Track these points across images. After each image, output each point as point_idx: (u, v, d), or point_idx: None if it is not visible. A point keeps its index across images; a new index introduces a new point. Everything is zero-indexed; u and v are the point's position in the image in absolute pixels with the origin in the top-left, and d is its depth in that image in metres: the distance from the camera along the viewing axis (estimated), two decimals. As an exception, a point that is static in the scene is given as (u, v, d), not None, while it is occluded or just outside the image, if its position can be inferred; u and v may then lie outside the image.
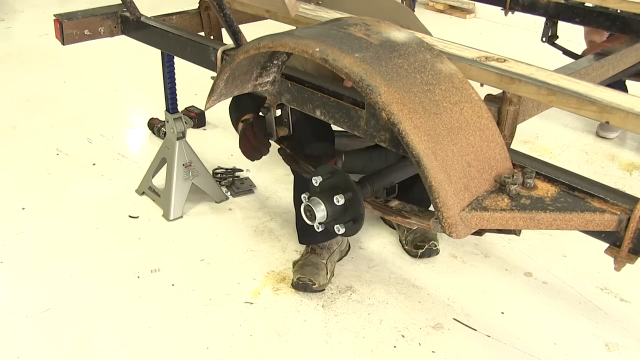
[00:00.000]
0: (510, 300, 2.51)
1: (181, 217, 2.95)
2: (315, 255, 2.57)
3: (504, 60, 1.65)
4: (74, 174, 3.32)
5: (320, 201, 1.62)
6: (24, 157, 3.47)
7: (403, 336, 2.31)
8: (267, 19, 2.38)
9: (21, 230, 2.84)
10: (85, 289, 2.49)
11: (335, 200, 1.61)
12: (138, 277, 2.56)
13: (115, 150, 3.59)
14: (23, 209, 3.00)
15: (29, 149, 3.56)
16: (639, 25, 2.46)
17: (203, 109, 3.76)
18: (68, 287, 2.49)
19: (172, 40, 2.34)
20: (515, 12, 2.98)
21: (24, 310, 2.37)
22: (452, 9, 6.70)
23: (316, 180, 1.66)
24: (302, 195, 1.67)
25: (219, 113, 3.83)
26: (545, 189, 1.40)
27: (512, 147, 1.58)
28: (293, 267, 2.58)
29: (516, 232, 1.44)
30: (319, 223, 1.65)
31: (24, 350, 2.19)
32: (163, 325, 2.33)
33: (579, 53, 3.31)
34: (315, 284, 2.48)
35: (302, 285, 2.49)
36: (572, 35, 3.68)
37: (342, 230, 1.65)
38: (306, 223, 1.72)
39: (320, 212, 1.62)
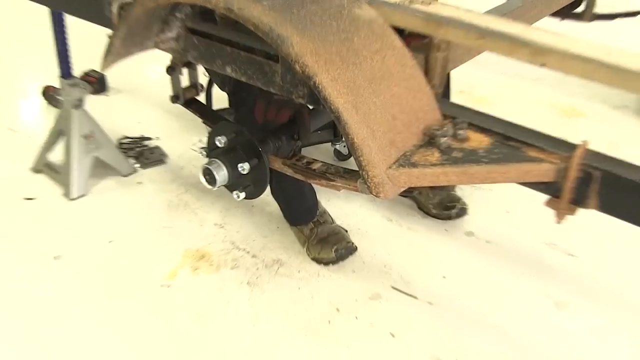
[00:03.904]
0: (452, 263, 2.55)
1: (84, 195, 2.89)
2: (326, 224, 2.60)
3: (430, 3, 1.64)
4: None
5: (222, 165, 1.63)
6: None
7: (338, 310, 2.32)
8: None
9: None
10: (-22, 283, 2.41)
11: (240, 169, 1.63)
12: (38, 265, 2.49)
13: (5, 124, 3.47)
14: None
15: None
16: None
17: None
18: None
19: (57, -6, 2.26)
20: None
21: None
22: None
23: (220, 141, 1.65)
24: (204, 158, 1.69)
25: (122, 76, 3.76)
26: (478, 140, 1.40)
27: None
28: (307, 246, 2.57)
29: (450, 189, 1.45)
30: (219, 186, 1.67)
31: None
32: (66, 320, 2.26)
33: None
34: (352, 244, 2.56)
35: (346, 253, 2.54)
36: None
37: (242, 196, 1.68)
38: (295, 205, 1.65)
39: (222, 176, 1.64)
